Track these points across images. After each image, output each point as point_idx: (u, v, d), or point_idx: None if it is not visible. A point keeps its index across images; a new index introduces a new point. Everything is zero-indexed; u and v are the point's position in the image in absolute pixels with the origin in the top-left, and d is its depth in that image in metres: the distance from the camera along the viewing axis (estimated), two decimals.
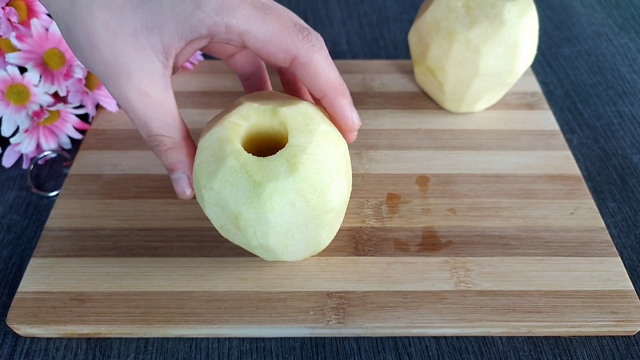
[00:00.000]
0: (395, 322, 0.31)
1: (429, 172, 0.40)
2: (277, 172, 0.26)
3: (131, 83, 0.26)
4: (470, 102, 0.43)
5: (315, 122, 0.28)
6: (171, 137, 0.28)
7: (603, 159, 0.43)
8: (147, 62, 0.26)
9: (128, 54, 0.26)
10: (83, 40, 0.26)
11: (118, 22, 0.25)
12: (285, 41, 0.26)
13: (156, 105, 0.27)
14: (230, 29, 0.26)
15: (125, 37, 0.26)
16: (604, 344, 0.32)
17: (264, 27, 0.26)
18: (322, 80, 0.28)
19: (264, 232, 0.27)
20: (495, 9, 0.38)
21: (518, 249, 0.35)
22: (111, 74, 0.26)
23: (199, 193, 0.28)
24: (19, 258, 0.35)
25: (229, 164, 0.27)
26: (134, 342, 0.31)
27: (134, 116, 0.28)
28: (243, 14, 0.25)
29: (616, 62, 0.53)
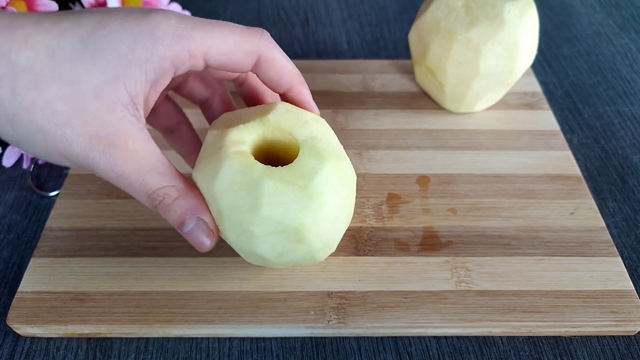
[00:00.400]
0: (395, 322, 0.31)
1: (429, 172, 0.40)
2: (311, 168, 0.27)
3: (112, 150, 0.24)
4: (470, 102, 0.43)
5: (301, 112, 0.29)
6: (174, 185, 0.26)
7: (603, 158, 0.43)
8: (120, 122, 0.24)
9: (98, 120, 0.24)
10: (41, 125, 0.23)
11: (74, 89, 0.23)
12: (246, 45, 0.26)
13: (146, 160, 0.25)
14: (193, 53, 0.25)
15: (88, 103, 0.23)
16: (605, 343, 0.32)
17: (224, 40, 0.25)
18: (287, 72, 0.28)
19: (326, 230, 0.27)
20: (496, 9, 0.38)
21: (518, 249, 0.35)
22: (86, 151, 0.24)
23: (241, 238, 0.27)
24: (19, 258, 0.35)
25: (268, 186, 0.26)
26: (135, 342, 0.31)
27: (128, 182, 0.25)
28: (200, 35, 0.25)
29: (616, 62, 0.53)
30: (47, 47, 0.23)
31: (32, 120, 0.23)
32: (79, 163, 0.25)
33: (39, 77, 0.23)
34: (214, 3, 0.60)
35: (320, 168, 0.27)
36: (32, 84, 0.23)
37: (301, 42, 0.54)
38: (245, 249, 0.28)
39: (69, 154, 0.24)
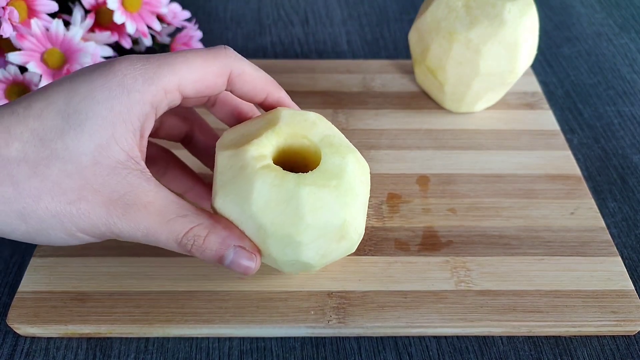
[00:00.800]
0: (395, 321, 0.31)
1: (430, 172, 0.40)
2: (338, 166, 0.27)
3: (130, 210, 0.24)
4: (470, 102, 0.43)
5: (303, 113, 0.29)
6: (201, 223, 0.25)
7: (603, 158, 0.43)
8: (126, 180, 0.24)
9: (106, 186, 0.24)
10: (53, 209, 0.23)
11: (73, 163, 0.23)
12: (216, 66, 0.26)
13: (165, 208, 0.25)
14: (168, 89, 0.25)
15: (91, 173, 0.24)
16: (605, 343, 0.32)
17: (192, 67, 0.25)
18: (261, 81, 0.28)
19: (360, 221, 0.28)
20: (496, 9, 0.38)
21: (518, 249, 0.35)
22: (106, 218, 0.24)
23: (286, 251, 0.27)
24: (20, 257, 0.35)
25: (305, 193, 0.26)
26: (135, 342, 0.31)
27: (155, 237, 0.25)
28: (168, 70, 0.25)
29: (616, 62, 0.53)
30: (32, 133, 0.23)
31: (43, 207, 0.23)
32: (103, 234, 0.25)
33: (36, 164, 0.23)
34: (214, 3, 0.60)
35: (346, 164, 0.27)
36: (32, 173, 0.23)
37: (301, 42, 0.54)
38: (289, 261, 0.28)
39: (90, 228, 0.24)
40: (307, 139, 0.28)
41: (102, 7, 0.42)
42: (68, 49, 0.39)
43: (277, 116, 0.29)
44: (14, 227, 0.24)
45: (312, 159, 0.29)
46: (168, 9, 0.46)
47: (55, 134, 0.23)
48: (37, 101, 0.24)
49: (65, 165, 0.23)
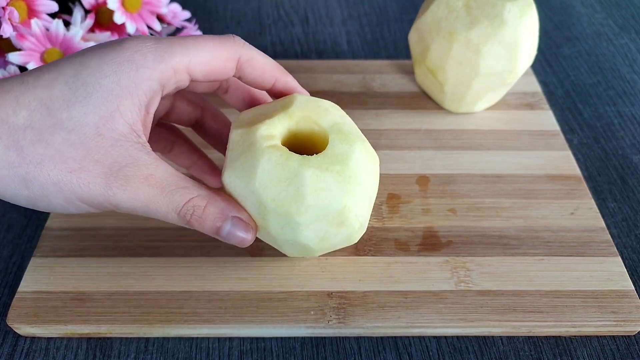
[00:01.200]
0: (395, 322, 0.31)
1: (429, 172, 0.40)
2: (344, 152, 0.28)
3: (130, 182, 0.25)
4: (470, 102, 0.43)
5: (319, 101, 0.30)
6: (200, 194, 0.26)
7: (603, 159, 0.43)
8: (128, 153, 0.25)
9: (107, 157, 0.24)
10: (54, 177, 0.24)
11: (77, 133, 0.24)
12: (224, 51, 0.27)
13: (165, 180, 0.25)
14: (177, 68, 0.25)
15: (94, 143, 0.24)
16: (605, 343, 0.32)
17: (202, 50, 0.26)
18: (269, 67, 0.28)
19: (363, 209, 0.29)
20: (496, 9, 0.38)
21: (518, 249, 0.35)
22: (105, 189, 0.24)
23: (285, 230, 0.27)
24: (20, 257, 0.35)
25: (308, 174, 0.26)
26: (135, 342, 0.31)
27: (156, 207, 0.25)
28: (180, 50, 0.25)
29: (616, 62, 0.53)
30: (39, 102, 0.24)
31: (45, 173, 0.24)
32: (100, 204, 0.25)
33: (41, 132, 0.24)
34: (214, 2, 0.60)
35: (352, 151, 0.28)
36: (36, 140, 0.24)
37: (301, 42, 0.54)
38: (288, 240, 0.28)
39: (89, 198, 0.25)
40: (317, 124, 0.29)
41: (102, 7, 0.42)
42: (68, 49, 0.39)
43: (292, 100, 0.29)
44: (17, 192, 0.24)
45: (321, 145, 0.29)
46: (168, 9, 0.46)
47: (62, 103, 0.24)
48: (48, 72, 0.25)
49: (69, 135, 0.24)
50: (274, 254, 0.34)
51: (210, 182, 0.35)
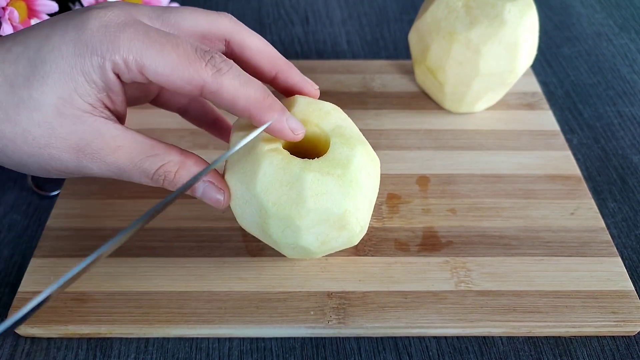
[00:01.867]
0: (395, 322, 0.31)
1: (429, 172, 0.40)
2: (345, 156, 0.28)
3: (99, 154, 0.25)
4: (470, 102, 0.43)
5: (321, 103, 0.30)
6: (171, 160, 0.26)
7: (603, 159, 0.43)
8: (93, 128, 0.25)
9: (73, 134, 0.25)
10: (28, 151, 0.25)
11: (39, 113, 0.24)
12: (187, 71, 0.24)
13: (133, 150, 0.26)
14: (129, 65, 0.24)
15: (57, 122, 0.24)
16: (604, 344, 0.32)
17: (162, 59, 0.24)
18: (241, 102, 0.25)
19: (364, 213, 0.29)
20: (496, 9, 0.38)
21: (518, 249, 0.35)
22: (77, 162, 0.25)
23: (286, 233, 0.28)
24: (20, 258, 0.35)
25: (309, 178, 0.27)
26: (135, 342, 0.31)
27: (128, 175, 0.26)
28: (138, 48, 0.24)
29: (616, 62, 0.53)
30: (5, 78, 0.24)
31: (19, 148, 0.25)
32: (78, 173, 0.26)
33: (7, 110, 0.24)
34: (215, 2, 0.60)
35: (353, 155, 0.28)
36: (5, 118, 0.24)
37: (301, 42, 0.54)
38: (289, 243, 0.28)
39: (64, 169, 0.26)
40: (318, 127, 0.29)
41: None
42: None
43: (293, 103, 0.29)
44: (3, 161, 0.26)
45: (323, 148, 0.29)
46: None
47: (23, 81, 0.24)
48: (18, 44, 0.25)
49: (32, 114, 0.24)
50: (274, 254, 0.34)
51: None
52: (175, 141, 0.41)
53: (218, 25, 0.28)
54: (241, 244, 0.35)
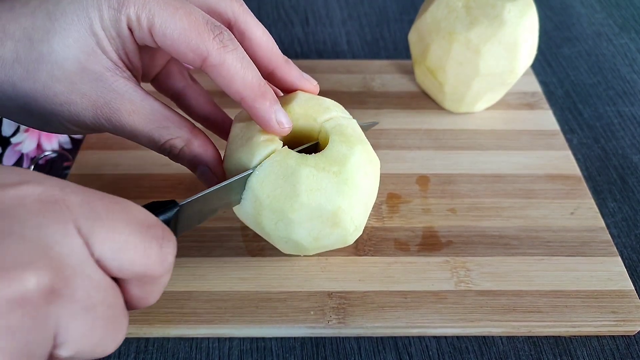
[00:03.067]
0: (395, 321, 0.31)
1: (429, 172, 0.40)
2: (343, 154, 0.28)
3: (115, 115, 0.26)
4: (470, 102, 0.43)
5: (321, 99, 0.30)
6: (179, 136, 0.27)
7: (603, 158, 0.43)
8: (113, 86, 0.25)
9: (93, 91, 0.25)
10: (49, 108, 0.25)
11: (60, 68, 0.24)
12: (194, 40, 0.25)
13: (148, 117, 0.26)
14: (140, 22, 0.24)
15: (78, 78, 0.25)
16: (604, 343, 0.32)
17: (172, 23, 0.24)
18: (237, 83, 0.26)
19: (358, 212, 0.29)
20: (496, 9, 0.38)
21: (518, 249, 0.35)
22: (94, 119, 0.26)
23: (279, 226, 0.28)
24: None
25: (304, 173, 0.27)
26: (135, 342, 0.31)
27: (138, 139, 0.27)
28: (151, 7, 0.24)
29: (616, 62, 0.53)
30: (23, 32, 0.24)
31: (41, 106, 0.25)
32: (94, 130, 0.27)
33: (27, 67, 0.24)
34: None
35: (352, 153, 0.28)
36: (25, 75, 0.24)
37: (301, 42, 0.54)
38: (282, 237, 0.29)
39: (82, 125, 0.26)
40: (316, 122, 0.29)
41: None
42: None
43: (293, 97, 0.29)
44: (24, 118, 0.26)
45: (322, 144, 0.29)
46: None
47: (43, 34, 0.24)
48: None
49: (52, 70, 0.24)
50: (274, 254, 0.34)
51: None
52: None
53: (225, 7, 0.28)
54: (241, 244, 0.35)
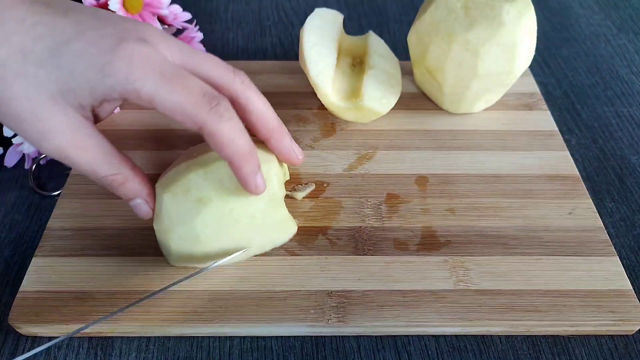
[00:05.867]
0: (394, 321, 0.31)
1: (428, 172, 0.40)
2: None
3: (67, 141, 0.27)
4: (469, 102, 0.43)
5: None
6: (120, 173, 0.29)
7: (601, 159, 0.43)
8: (70, 123, 0.27)
9: (53, 118, 0.27)
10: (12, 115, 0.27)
11: (35, 90, 0.26)
12: (191, 112, 0.27)
13: (94, 154, 0.28)
14: (140, 95, 0.27)
15: (45, 106, 0.27)
16: (603, 343, 0.32)
17: (171, 97, 0.27)
18: (229, 149, 0.28)
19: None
20: (494, 11, 0.38)
21: (517, 249, 0.35)
22: (45, 138, 0.27)
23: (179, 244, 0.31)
24: (21, 257, 0.36)
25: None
26: (136, 341, 0.32)
27: (82, 170, 0.29)
28: (151, 84, 0.26)
29: (614, 63, 0.53)
30: (21, 48, 0.26)
31: (6, 111, 0.27)
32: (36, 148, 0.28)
33: (7, 74, 0.26)
34: (215, 4, 0.60)
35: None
36: (1, 79, 0.26)
37: None
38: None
39: (25, 137, 0.28)
40: None
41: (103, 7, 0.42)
42: None
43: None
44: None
45: None
46: (169, 11, 0.46)
47: (37, 60, 0.26)
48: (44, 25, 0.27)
49: (27, 88, 0.26)
50: (274, 253, 0.34)
51: None
52: (176, 142, 0.42)
53: (228, 84, 0.30)
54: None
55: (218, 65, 0.30)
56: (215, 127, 0.27)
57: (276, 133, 0.32)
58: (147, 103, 0.27)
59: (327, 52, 0.40)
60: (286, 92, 0.46)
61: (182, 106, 0.27)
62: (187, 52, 0.29)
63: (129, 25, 0.28)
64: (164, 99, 0.27)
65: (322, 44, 0.40)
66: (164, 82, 0.27)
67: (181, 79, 0.27)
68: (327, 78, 0.39)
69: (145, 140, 0.42)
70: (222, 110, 0.27)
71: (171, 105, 0.27)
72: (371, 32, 0.45)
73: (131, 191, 0.30)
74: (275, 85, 0.47)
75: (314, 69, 0.39)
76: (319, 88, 0.39)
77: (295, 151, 0.33)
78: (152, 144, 0.42)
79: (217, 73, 0.29)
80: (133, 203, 0.31)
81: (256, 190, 0.30)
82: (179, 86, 0.27)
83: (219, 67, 0.30)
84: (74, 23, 0.27)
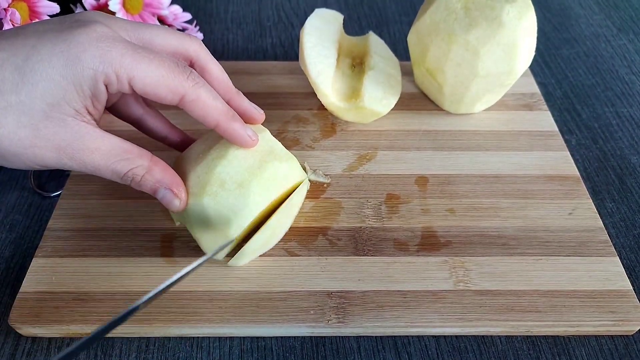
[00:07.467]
0: (394, 321, 0.31)
1: (428, 173, 0.40)
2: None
3: (78, 154, 0.27)
4: (469, 103, 0.43)
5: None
6: (140, 165, 0.29)
7: (601, 159, 0.43)
8: (75, 130, 0.27)
9: (56, 136, 0.27)
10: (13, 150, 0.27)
11: (27, 116, 0.26)
12: (172, 82, 0.28)
13: (109, 152, 0.28)
14: (120, 78, 0.27)
15: (43, 125, 0.26)
16: (603, 343, 0.32)
17: (150, 72, 0.27)
18: (213, 112, 0.29)
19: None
20: (494, 11, 0.38)
21: (517, 249, 0.35)
22: (58, 160, 0.27)
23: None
24: (21, 258, 0.36)
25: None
26: (136, 342, 0.32)
27: (102, 173, 0.29)
28: (128, 62, 0.27)
29: (614, 63, 0.53)
30: None
31: (5, 147, 0.27)
32: (56, 167, 0.28)
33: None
34: (215, 4, 0.60)
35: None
36: None
37: None
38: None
39: (46, 165, 0.28)
40: None
41: (103, 8, 0.42)
42: None
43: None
44: None
45: None
46: (169, 11, 0.46)
47: (12, 87, 0.26)
48: (3, 50, 0.26)
49: (19, 117, 0.26)
50: (274, 253, 0.34)
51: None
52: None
53: (187, 47, 0.31)
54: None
55: (172, 35, 0.30)
56: (196, 93, 0.28)
57: (235, 95, 0.32)
58: (126, 85, 0.27)
59: (327, 52, 0.40)
60: (286, 92, 0.46)
61: (163, 79, 0.27)
62: (139, 27, 0.29)
63: (77, 16, 0.28)
64: (144, 75, 0.27)
65: (322, 45, 0.40)
66: (139, 58, 0.27)
67: (151, 53, 0.27)
68: (327, 78, 0.39)
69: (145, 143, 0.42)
70: (195, 77, 0.28)
71: (151, 80, 0.27)
72: (371, 33, 0.45)
73: (154, 181, 0.30)
74: (275, 85, 0.47)
75: (314, 69, 0.39)
76: (319, 88, 0.39)
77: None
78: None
79: (173, 42, 0.30)
80: (159, 195, 0.30)
81: (251, 141, 0.31)
82: (155, 60, 0.27)
83: (173, 36, 0.30)
84: (28, 35, 0.27)
